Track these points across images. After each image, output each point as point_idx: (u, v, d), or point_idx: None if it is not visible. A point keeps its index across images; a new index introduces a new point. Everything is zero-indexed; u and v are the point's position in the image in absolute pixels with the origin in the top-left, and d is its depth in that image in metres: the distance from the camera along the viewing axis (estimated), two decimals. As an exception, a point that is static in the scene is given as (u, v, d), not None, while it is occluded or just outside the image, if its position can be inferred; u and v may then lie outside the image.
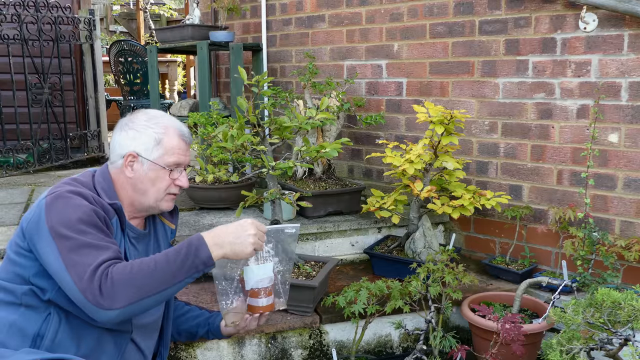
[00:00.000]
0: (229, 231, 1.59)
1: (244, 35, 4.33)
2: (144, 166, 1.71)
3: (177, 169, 1.75)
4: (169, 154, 1.72)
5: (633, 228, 2.66)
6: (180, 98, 9.18)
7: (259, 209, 3.34)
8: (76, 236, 1.49)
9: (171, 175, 1.74)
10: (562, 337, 1.88)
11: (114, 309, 1.43)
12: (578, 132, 2.78)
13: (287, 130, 2.50)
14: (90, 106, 4.96)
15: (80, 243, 1.49)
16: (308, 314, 2.44)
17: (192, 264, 1.52)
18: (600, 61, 2.67)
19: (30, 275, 1.57)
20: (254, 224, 1.62)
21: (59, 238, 1.49)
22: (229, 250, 1.57)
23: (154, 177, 1.71)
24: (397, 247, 2.93)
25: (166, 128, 1.73)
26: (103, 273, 1.45)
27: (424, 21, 3.28)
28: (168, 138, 1.73)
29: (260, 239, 1.62)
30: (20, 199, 3.50)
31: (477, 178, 3.17)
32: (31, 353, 1.49)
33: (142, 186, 1.72)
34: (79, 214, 1.53)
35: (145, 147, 1.70)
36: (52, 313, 1.57)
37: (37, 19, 4.27)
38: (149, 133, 1.71)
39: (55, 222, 1.51)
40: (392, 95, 3.49)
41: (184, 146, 1.76)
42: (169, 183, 1.74)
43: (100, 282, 1.43)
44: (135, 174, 1.71)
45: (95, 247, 1.50)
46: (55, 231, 1.50)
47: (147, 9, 10.30)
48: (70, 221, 1.51)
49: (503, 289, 2.77)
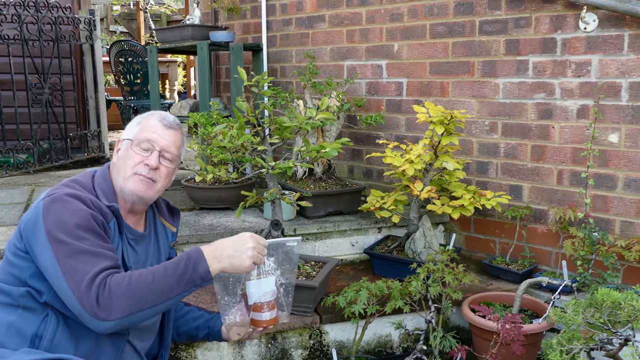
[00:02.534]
0: (228, 245, 1.58)
1: (244, 36, 4.33)
2: (122, 146, 1.74)
3: (150, 151, 1.72)
4: (142, 131, 1.73)
5: (633, 228, 2.66)
6: (180, 98, 9.18)
7: (259, 209, 3.34)
8: (73, 242, 1.48)
9: (142, 153, 1.71)
10: (562, 337, 1.88)
11: (110, 320, 1.43)
12: (578, 132, 2.78)
13: (287, 130, 2.50)
14: (91, 106, 4.96)
15: (78, 249, 1.48)
16: (308, 314, 2.44)
17: (190, 278, 1.52)
18: (600, 61, 2.67)
19: (27, 276, 1.56)
20: (253, 238, 1.61)
21: (56, 243, 1.48)
22: (228, 264, 1.56)
23: (126, 155, 1.72)
24: (397, 247, 2.93)
25: (150, 114, 1.78)
26: (101, 283, 1.44)
27: (424, 21, 3.28)
28: (147, 120, 1.77)
29: (260, 252, 1.62)
30: (20, 199, 3.50)
31: (477, 178, 3.17)
32: (30, 353, 1.48)
33: (119, 166, 1.73)
34: (76, 219, 1.52)
35: (127, 131, 1.76)
36: (49, 314, 1.57)
37: (38, 19, 4.27)
38: (135, 120, 1.78)
39: (52, 225, 1.50)
40: (392, 95, 3.49)
41: (160, 127, 1.74)
42: (139, 160, 1.70)
43: (98, 293, 1.43)
44: (117, 156, 1.75)
45: (93, 254, 1.49)
46: (52, 235, 1.49)
47: (147, 9, 10.30)
48: (67, 226, 1.50)
49: (503, 289, 2.77)
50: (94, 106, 4.99)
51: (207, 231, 2.86)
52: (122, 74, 6.11)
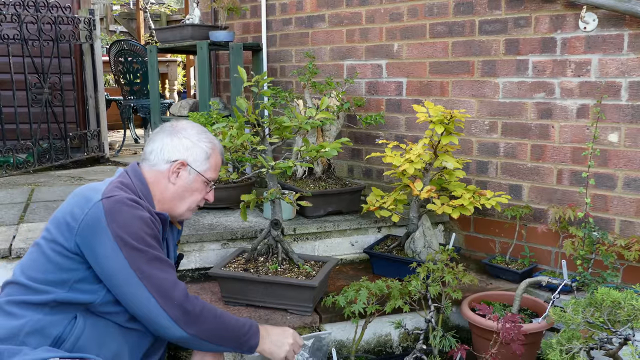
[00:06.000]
0: (275, 332, 1.85)
1: (244, 35, 4.33)
2: (190, 176, 1.80)
3: (210, 184, 1.88)
4: (212, 169, 1.85)
5: (633, 227, 2.66)
6: (180, 98, 9.18)
7: (259, 208, 3.34)
8: (146, 249, 1.56)
9: (207, 189, 1.86)
10: (562, 336, 1.88)
11: (186, 332, 1.58)
12: (578, 132, 2.78)
13: (287, 130, 2.50)
14: (90, 106, 4.96)
15: (152, 256, 1.57)
16: (308, 314, 2.44)
17: (244, 341, 1.74)
18: (600, 61, 2.67)
19: (76, 279, 1.55)
20: (294, 336, 1.88)
21: (129, 248, 1.52)
22: (267, 348, 1.80)
23: (195, 188, 1.81)
24: (397, 247, 2.93)
25: (214, 146, 1.87)
26: (188, 296, 1.61)
27: (424, 21, 3.28)
28: (214, 155, 1.86)
29: (294, 349, 1.86)
30: (20, 199, 3.50)
31: (477, 178, 3.17)
32: (50, 351, 1.48)
33: (182, 194, 1.80)
34: (143, 225, 1.58)
35: (195, 158, 1.81)
36: (77, 317, 1.55)
37: (37, 18, 4.27)
38: (202, 146, 1.82)
39: (121, 230, 1.52)
40: (392, 95, 3.49)
41: (220, 166, 1.91)
42: (203, 196, 1.86)
43: (186, 303, 1.59)
44: (179, 181, 1.78)
45: (165, 262, 1.61)
46: (122, 240, 1.52)
47: (147, 8, 10.30)
48: (137, 231, 1.56)
49: (503, 288, 2.77)
50: (94, 106, 4.99)
51: (207, 231, 2.86)
52: (122, 74, 6.11)
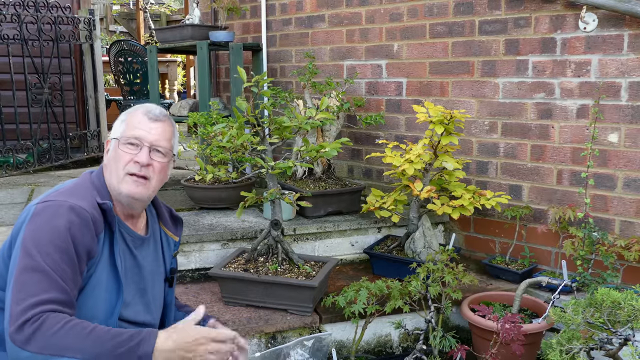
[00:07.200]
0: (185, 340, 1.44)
1: (244, 35, 4.33)
2: (111, 146, 1.67)
3: (139, 147, 1.64)
4: (129, 128, 1.65)
5: (633, 228, 2.66)
6: (180, 98, 9.18)
7: (259, 208, 3.34)
8: (38, 257, 1.44)
9: (131, 151, 1.64)
10: (562, 337, 1.88)
11: (25, 350, 1.37)
12: (578, 132, 2.78)
13: (287, 130, 2.50)
14: (90, 106, 4.95)
15: (38, 266, 1.43)
16: (308, 314, 2.44)
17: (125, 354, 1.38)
18: (600, 61, 2.67)
19: None
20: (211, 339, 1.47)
21: (25, 253, 1.45)
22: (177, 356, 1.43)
23: (116, 155, 1.64)
24: (397, 247, 2.93)
25: (135, 109, 1.70)
26: (36, 315, 1.39)
27: (424, 21, 3.28)
28: (132, 116, 1.68)
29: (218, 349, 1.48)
30: (20, 199, 3.50)
31: (477, 178, 3.17)
32: None
33: (110, 167, 1.66)
34: (54, 235, 1.47)
35: (114, 130, 1.69)
36: None
37: (37, 19, 4.27)
38: (121, 117, 1.71)
39: (29, 234, 1.47)
40: (392, 95, 3.49)
41: (146, 121, 1.66)
42: (129, 159, 1.63)
43: (27, 321, 1.38)
44: (107, 157, 1.68)
45: (49, 278, 1.43)
46: (24, 244, 1.47)
47: (146, 8, 10.30)
48: (41, 239, 1.46)
49: (503, 288, 2.77)
50: (94, 106, 4.98)
51: (207, 231, 2.86)
52: (122, 74, 6.11)
